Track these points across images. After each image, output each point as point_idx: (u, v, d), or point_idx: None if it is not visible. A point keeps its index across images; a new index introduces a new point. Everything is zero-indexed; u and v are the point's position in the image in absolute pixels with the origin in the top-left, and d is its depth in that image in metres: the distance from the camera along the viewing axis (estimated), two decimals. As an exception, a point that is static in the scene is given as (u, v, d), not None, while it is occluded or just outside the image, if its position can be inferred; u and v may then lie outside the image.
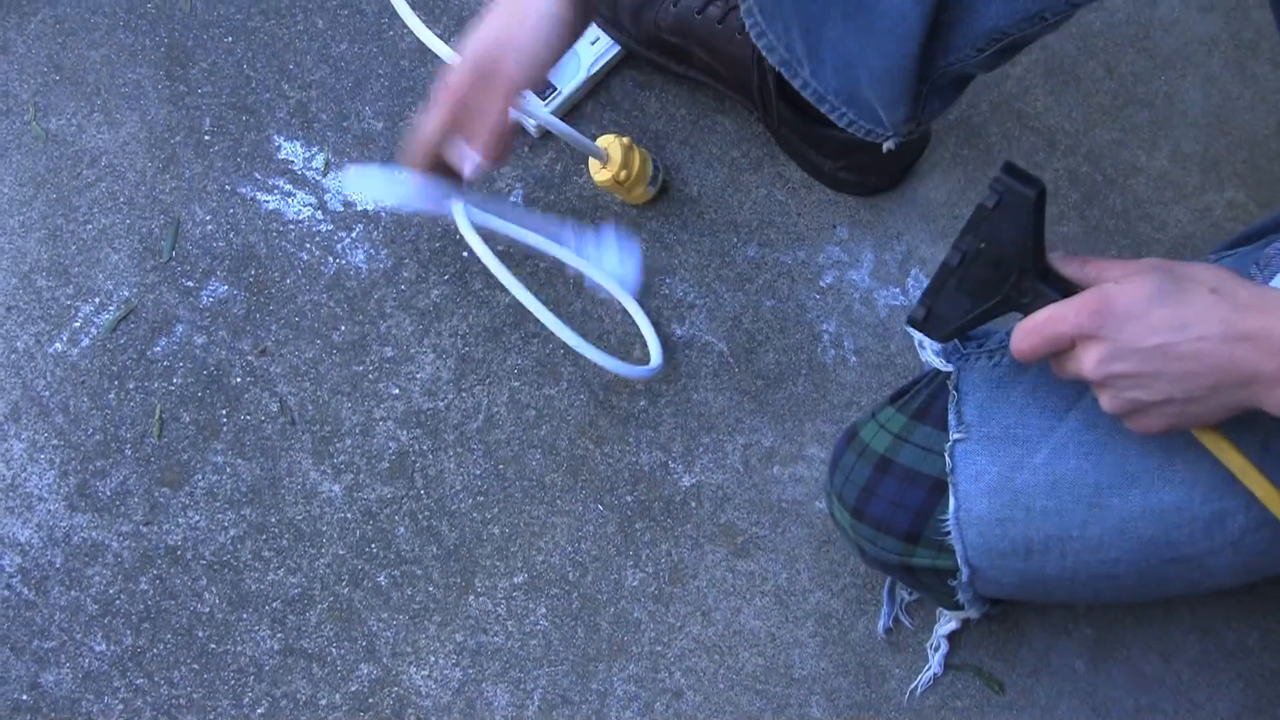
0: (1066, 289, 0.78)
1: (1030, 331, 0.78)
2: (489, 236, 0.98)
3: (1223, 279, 0.74)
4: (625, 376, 1.10)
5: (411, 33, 1.22)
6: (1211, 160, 1.22)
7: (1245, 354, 0.72)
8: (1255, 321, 0.72)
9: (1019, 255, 0.78)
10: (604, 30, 1.20)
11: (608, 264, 1.12)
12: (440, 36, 1.04)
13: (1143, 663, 1.10)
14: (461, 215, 0.97)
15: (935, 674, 1.09)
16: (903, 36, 0.91)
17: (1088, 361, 0.76)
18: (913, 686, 1.09)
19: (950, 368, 0.91)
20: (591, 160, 1.11)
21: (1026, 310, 0.79)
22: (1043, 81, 1.24)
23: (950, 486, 0.89)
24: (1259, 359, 0.72)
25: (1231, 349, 0.72)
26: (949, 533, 0.92)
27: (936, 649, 1.10)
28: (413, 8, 1.15)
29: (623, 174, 1.10)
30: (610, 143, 1.10)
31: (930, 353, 0.93)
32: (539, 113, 1.12)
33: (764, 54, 1.02)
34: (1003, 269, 0.79)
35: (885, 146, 1.04)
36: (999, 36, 0.92)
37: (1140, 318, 0.74)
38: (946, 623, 1.09)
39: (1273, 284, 0.81)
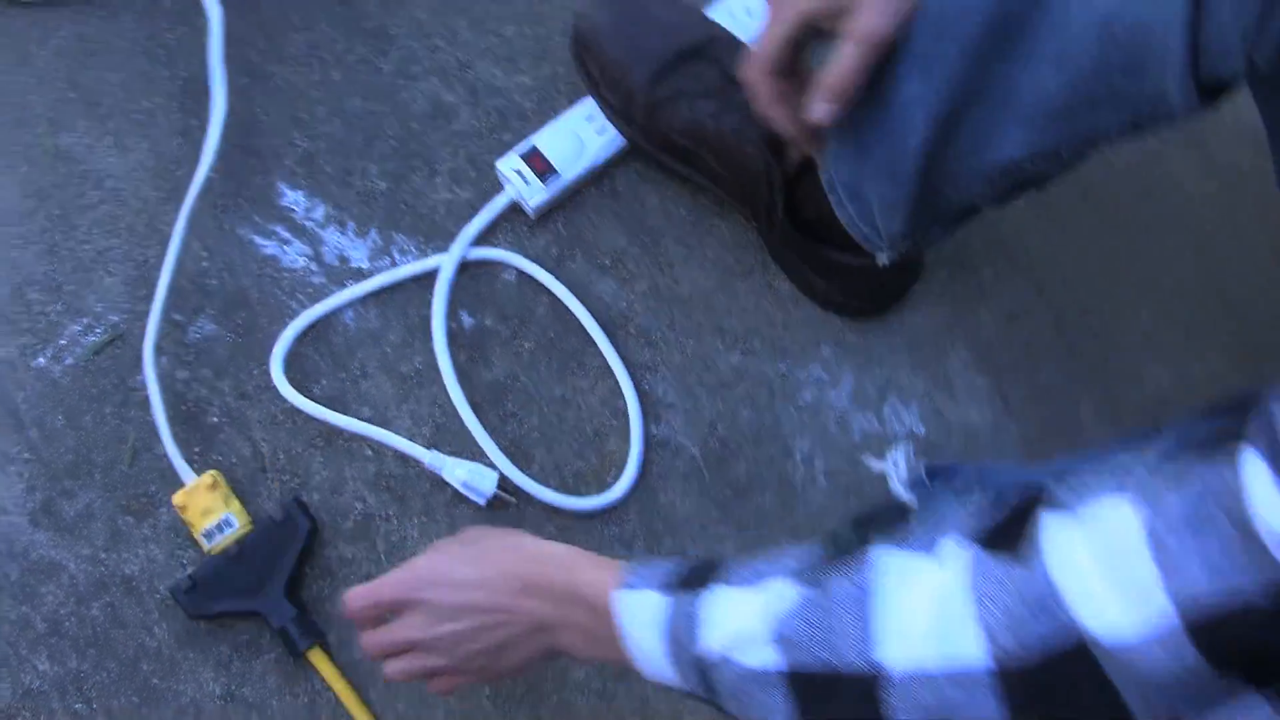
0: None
1: (356, 596, 0.86)
2: None
3: (511, 535, 0.85)
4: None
5: (424, 97, 1.22)
6: (1198, 325, 1.24)
7: (533, 604, 0.80)
8: (536, 571, 0.80)
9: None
10: (613, 123, 1.20)
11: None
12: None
13: None
14: None
15: None
16: (908, 133, 0.92)
17: (415, 624, 0.84)
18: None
19: (914, 501, 0.93)
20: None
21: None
22: (1038, 226, 1.25)
23: None
24: (543, 607, 0.80)
25: (521, 601, 0.81)
26: None
27: None
28: None
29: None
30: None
31: (898, 484, 0.95)
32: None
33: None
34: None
35: (880, 260, 1.05)
36: (1012, 170, 0.93)
37: (445, 580, 0.82)
38: None
39: None
